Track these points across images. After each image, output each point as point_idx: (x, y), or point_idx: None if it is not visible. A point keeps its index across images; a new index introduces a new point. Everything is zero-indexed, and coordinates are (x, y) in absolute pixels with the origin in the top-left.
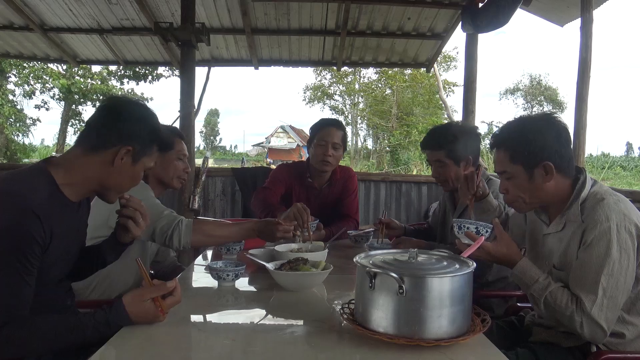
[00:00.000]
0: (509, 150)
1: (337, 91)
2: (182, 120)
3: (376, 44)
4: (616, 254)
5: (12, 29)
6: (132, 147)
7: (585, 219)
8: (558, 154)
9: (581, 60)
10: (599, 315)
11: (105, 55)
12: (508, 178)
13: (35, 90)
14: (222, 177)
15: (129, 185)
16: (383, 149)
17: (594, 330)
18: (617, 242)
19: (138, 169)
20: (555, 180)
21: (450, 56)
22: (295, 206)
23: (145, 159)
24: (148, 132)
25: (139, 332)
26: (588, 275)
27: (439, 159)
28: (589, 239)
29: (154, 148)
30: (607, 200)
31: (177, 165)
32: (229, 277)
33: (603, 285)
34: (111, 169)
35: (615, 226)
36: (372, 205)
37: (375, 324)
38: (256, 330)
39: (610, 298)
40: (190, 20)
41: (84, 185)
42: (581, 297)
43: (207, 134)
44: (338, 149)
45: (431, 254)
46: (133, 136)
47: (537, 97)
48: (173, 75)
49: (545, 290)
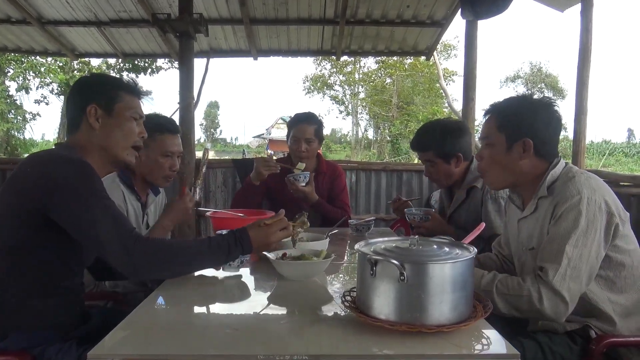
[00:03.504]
0: (499, 117)
1: (337, 81)
2: (182, 112)
3: (375, 32)
4: (583, 226)
5: (10, 22)
6: (96, 102)
7: (557, 194)
8: (541, 136)
9: (582, 45)
10: (561, 285)
11: (103, 48)
12: (488, 144)
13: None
14: (223, 169)
15: (127, 139)
16: (384, 139)
17: (555, 302)
18: (585, 214)
19: (120, 119)
20: (531, 161)
21: (450, 45)
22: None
23: (118, 106)
24: (103, 83)
25: (141, 322)
26: (554, 246)
27: (428, 159)
28: (559, 213)
29: (120, 93)
30: (577, 177)
31: (161, 163)
32: (234, 263)
33: (568, 255)
34: (96, 133)
35: (586, 199)
36: (373, 195)
37: (377, 311)
38: (258, 320)
39: (574, 268)
40: (188, 11)
41: (96, 160)
42: (545, 267)
43: (207, 126)
44: (312, 143)
45: (432, 240)
46: (92, 94)
47: (538, 85)
48: (172, 67)
49: (493, 281)
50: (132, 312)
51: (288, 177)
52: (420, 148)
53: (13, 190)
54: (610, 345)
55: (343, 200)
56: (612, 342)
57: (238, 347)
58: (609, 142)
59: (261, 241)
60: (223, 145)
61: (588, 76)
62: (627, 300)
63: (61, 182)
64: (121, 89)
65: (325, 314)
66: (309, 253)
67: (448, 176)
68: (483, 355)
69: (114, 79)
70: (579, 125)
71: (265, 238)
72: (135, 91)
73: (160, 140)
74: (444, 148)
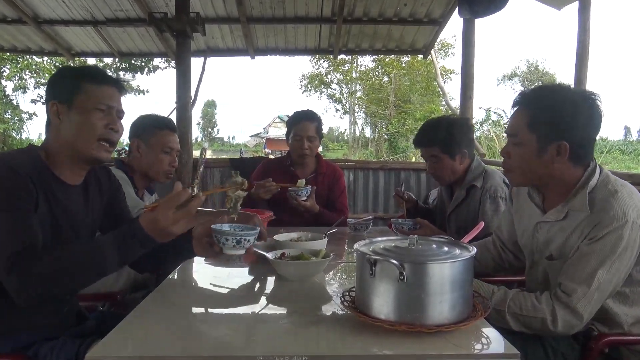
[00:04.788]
0: (530, 114)
1: (334, 80)
2: (179, 111)
3: (373, 30)
4: (622, 251)
5: (5, 22)
6: (56, 98)
7: (597, 211)
8: (579, 139)
9: (579, 43)
10: (585, 308)
11: (99, 47)
12: (516, 144)
13: (26, 83)
14: (220, 168)
15: (90, 132)
16: (381, 137)
17: (571, 323)
18: (627, 239)
19: (81, 112)
20: (564, 165)
21: (447, 43)
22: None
23: (78, 98)
24: (62, 76)
25: (139, 324)
26: (586, 267)
27: (433, 154)
28: (600, 234)
29: (81, 84)
30: (620, 193)
31: (162, 159)
32: (243, 243)
33: (599, 280)
34: (59, 129)
35: (631, 224)
36: (371, 194)
37: (377, 311)
38: (257, 320)
39: (601, 292)
40: (184, 10)
41: (64, 159)
42: (570, 287)
43: (204, 126)
44: (314, 141)
45: (431, 240)
46: (52, 90)
47: (535, 83)
48: (169, 66)
49: (505, 301)
50: (130, 313)
51: (289, 192)
52: (425, 143)
53: None
54: (611, 343)
55: (342, 202)
56: (612, 341)
57: (237, 348)
58: (606, 139)
59: (153, 227)
60: (220, 144)
61: (586, 74)
62: (638, 312)
63: None
64: (82, 79)
65: (324, 313)
66: (308, 252)
67: (452, 172)
68: (483, 355)
69: (75, 69)
70: None
71: (154, 223)
72: (100, 78)
73: (160, 136)
74: (451, 143)
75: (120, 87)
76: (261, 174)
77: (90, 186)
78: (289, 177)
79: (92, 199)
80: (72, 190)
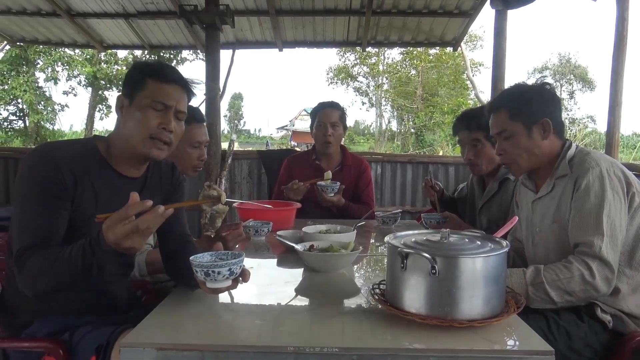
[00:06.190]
0: (508, 109)
1: (361, 72)
2: (208, 103)
3: (402, 23)
4: (610, 195)
5: (40, 15)
6: (123, 92)
7: (576, 169)
8: (553, 115)
9: (617, 34)
10: (608, 254)
11: (131, 39)
12: (507, 137)
13: (59, 75)
14: (248, 160)
15: (140, 130)
16: (408, 131)
17: (605, 272)
18: (609, 184)
19: (137, 109)
20: (550, 140)
21: (476, 35)
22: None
23: (139, 94)
24: (131, 73)
25: (169, 313)
26: (590, 218)
27: (477, 137)
28: (582, 184)
29: (145, 80)
30: (592, 153)
31: (190, 154)
32: (219, 276)
33: (606, 223)
34: (119, 124)
35: (606, 170)
36: (398, 187)
37: (407, 305)
38: (285, 311)
39: (611, 237)
40: (214, 2)
41: (121, 152)
42: (587, 241)
43: (231, 118)
44: (337, 128)
45: (463, 234)
46: (124, 85)
47: (567, 76)
48: (197, 58)
49: (540, 273)
50: (162, 302)
51: (318, 186)
52: (470, 127)
53: None
54: None
55: (368, 195)
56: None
57: (268, 339)
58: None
59: (108, 238)
60: (247, 136)
61: (623, 67)
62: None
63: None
64: (147, 75)
65: (353, 306)
66: (337, 245)
67: (491, 160)
68: (515, 351)
69: (144, 65)
70: (613, 117)
71: (105, 236)
72: (165, 76)
73: (188, 130)
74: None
75: (186, 88)
76: (286, 172)
77: (150, 180)
78: (314, 170)
79: (151, 193)
80: (128, 182)
